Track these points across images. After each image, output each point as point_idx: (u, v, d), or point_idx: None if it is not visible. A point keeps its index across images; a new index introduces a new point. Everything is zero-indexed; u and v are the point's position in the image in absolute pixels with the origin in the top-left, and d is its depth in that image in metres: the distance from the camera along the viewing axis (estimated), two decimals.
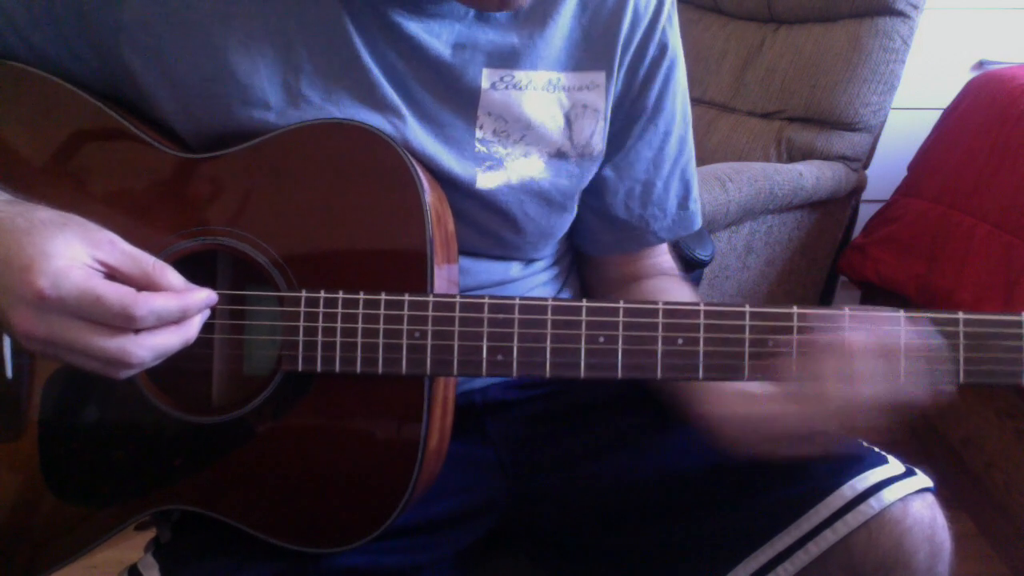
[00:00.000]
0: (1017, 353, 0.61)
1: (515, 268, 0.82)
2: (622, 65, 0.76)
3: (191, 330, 0.60)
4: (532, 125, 0.74)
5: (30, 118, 0.68)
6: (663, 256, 0.89)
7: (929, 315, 0.61)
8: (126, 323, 0.55)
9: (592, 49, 0.75)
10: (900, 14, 1.64)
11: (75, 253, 0.55)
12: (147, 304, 0.56)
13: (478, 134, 0.73)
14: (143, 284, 0.58)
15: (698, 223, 0.88)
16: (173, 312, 0.58)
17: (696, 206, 0.87)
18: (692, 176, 0.86)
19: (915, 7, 1.64)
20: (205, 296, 0.61)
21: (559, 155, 0.76)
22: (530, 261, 0.84)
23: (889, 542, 0.66)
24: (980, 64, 2.05)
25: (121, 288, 0.55)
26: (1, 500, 0.69)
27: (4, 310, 0.55)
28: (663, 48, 0.78)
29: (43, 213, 0.57)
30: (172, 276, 0.59)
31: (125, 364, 0.57)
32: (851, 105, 1.66)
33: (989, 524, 1.57)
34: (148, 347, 0.57)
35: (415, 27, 0.69)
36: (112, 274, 0.57)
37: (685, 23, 0.78)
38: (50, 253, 0.54)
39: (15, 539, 0.69)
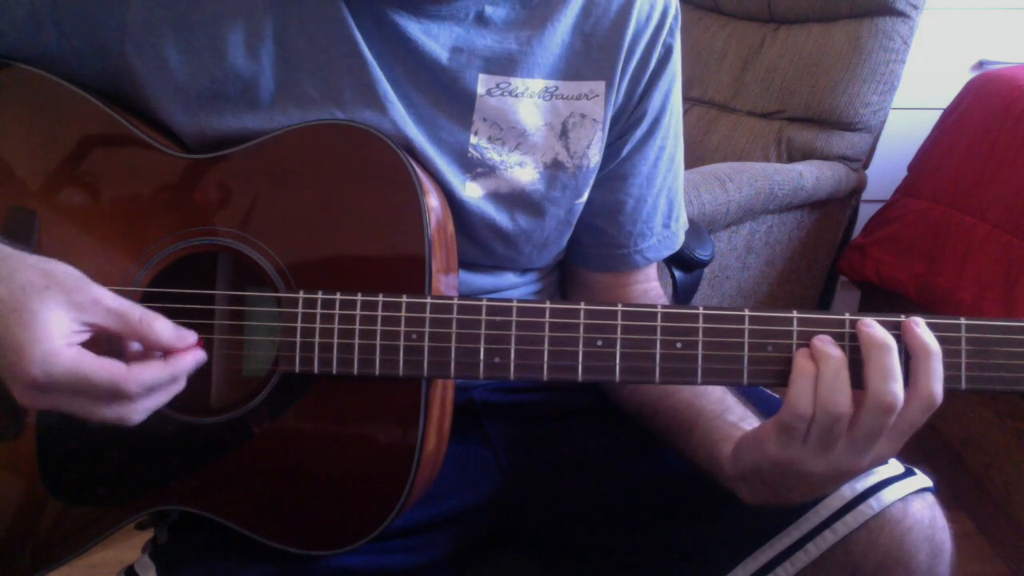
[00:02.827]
0: (1020, 359, 0.60)
1: (509, 278, 0.82)
2: (624, 75, 0.76)
3: (180, 385, 0.62)
4: (527, 133, 0.74)
5: (32, 118, 0.68)
6: (652, 283, 0.87)
7: (931, 320, 0.60)
8: (119, 398, 0.57)
9: (593, 58, 0.74)
10: (900, 14, 1.64)
11: (61, 327, 0.56)
12: (137, 381, 0.57)
13: (472, 139, 0.73)
14: (131, 339, 0.59)
15: (679, 242, 0.87)
16: (163, 382, 0.59)
17: (678, 225, 0.86)
18: (677, 195, 0.85)
19: (915, 7, 1.64)
20: (193, 359, 0.61)
21: (555, 165, 0.75)
22: (525, 271, 0.83)
23: (889, 542, 0.66)
24: (980, 64, 2.04)
25: (109, 368, 0.56)
26: None
27: (6, 383, 0.57)
28: (666, 59, 0.78)
29: (24, 275, 0.56)
30: (160, 327, 0.59)
31: (125, 424, 0.59)
32: (851, 105, 1.66)
33: (989, 524, 1.57)
34: (143, 410, 0.59)
35: (414, 28, 0.69)
36: (101, 334, 0.58)
37: (685, 23, 0.78)
38: (37, 337, 0.55)
39: (13, 539, 0.69)
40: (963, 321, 0.60)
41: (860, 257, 1.77)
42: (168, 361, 0.60)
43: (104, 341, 0.59)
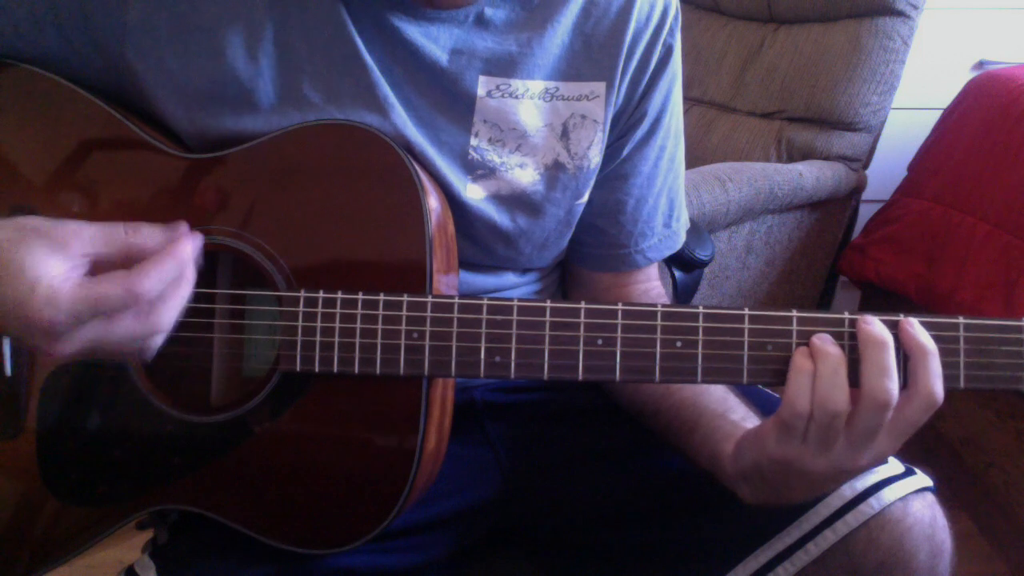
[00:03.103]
0: (1018, 359, 0.60)
1: (510, 278, 0.82)
2: (624, 75, 0.75)
3: (189, 282, 0.59)
4: (528, 134, 0.74)
5: (34, 118, 0.69)
6: (653, 282, 0.87)
7: (930, 319, 0.60)
8: (135, 309, 0.55)
9: (593, 59, 0.74)
10: (900, 14, 1.64)
11: (52, 268, 0.54)
12: (146, 276, 0.55)
13: (473, 141, 0.73)
14: (123, 254, 0.57)
15: (680, 241, 0.87)
16: (171, 271, 0.56)
17: (679, 224, 0.86)
18: (678, 194, 0.85)
19: (915, 7, 1.64)
20: (189, 242, 0.58)
21: (556, 166, 0.75)
22: (526, 271, 0.83)
23: (889, 541, 0.66)
24: (980, 64, 2.05)
25: (112, 278, 0.54)
26: None
27: (26, 344, 0.55)
28: (666, 59, 0.78)
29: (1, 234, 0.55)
30: (147, 230, 0.58)
31: (150, 350, 0.57)
32: (851, 105, 1.66)
33: (989, 524, 1.57)
34: (164, 321, 0.57)
35: (414, 31, 0.69)
36: (93, 261, 0.56)
37: (685, 23, 0.78)
38: (32, 285, 0.53)
39: (12, 538, 0.69)
40: (961, 320, 0.60)
41: (860, 257, 1.77)
42: (168, 249, 0.57)
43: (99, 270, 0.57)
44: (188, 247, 0.58)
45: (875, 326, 0.59)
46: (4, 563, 0.69)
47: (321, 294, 0.64)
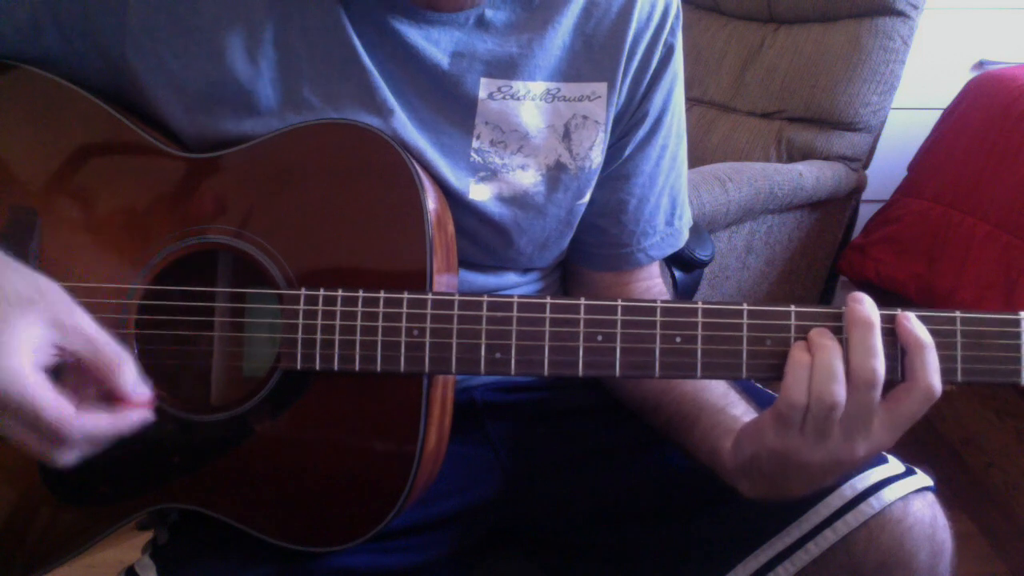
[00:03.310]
0: (1015, 352, 0.60)
1: (511, 277, 0.82)
2: (626, 76, 0.75)
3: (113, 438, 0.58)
4: (529, 136, 0.74)
5: (35, 119, 0.68)
6: (654, 279, 0.87)
7: (926, 313, 0.60)
8: (55, 439, 0.54)
9: (594, 59, 0.74)
10: (900, 14, 1.64)
11: (34, 343, 0.53)
12: (81, 429, 0.54)
13: (475, 143, 0.73)
14: (96, 372, 0.56)
15: (683, 239, 0.87)
16: (105, 436, 0.56)
17: (681, 223, 0.86)
18: (680, 192, 0.85)
19: (915, 7, 1.64)
20: (139, 417, 0.58)
21: (558, 167, 0.75)
22: (527, 270, 0.83)
23: (890, 541, 0.66)
24: (980, 64, 2.05)
25: (59, 408, 0.54)
26: None
27: None
28: (668, 58, 0.77)
29: (15, 285, 0.54)
30: (127, 371, 0.56)
31: (47, 463, 0.57)
32: (851, 105, 1.66)
33: (989, 524, 1.57)
34: (72, 457, 0.56)
35: (414, 34, 0.69)
36: (69, 359, 0.55)
37: (685, 23, 0.78)
38: (7, 350, 0.52)
39: (12, 538, 0.69)
40: (958, 314, 0.61)
41: (860, 257, 1.77)
42: (116, 414, 0.56)
43: (68, 369, 0.56)
44: (135, 419, 0.57)
45: (862, 307, 0.59)
46: (3, 563, 0.69)
47: (322, 292, 0.64)
